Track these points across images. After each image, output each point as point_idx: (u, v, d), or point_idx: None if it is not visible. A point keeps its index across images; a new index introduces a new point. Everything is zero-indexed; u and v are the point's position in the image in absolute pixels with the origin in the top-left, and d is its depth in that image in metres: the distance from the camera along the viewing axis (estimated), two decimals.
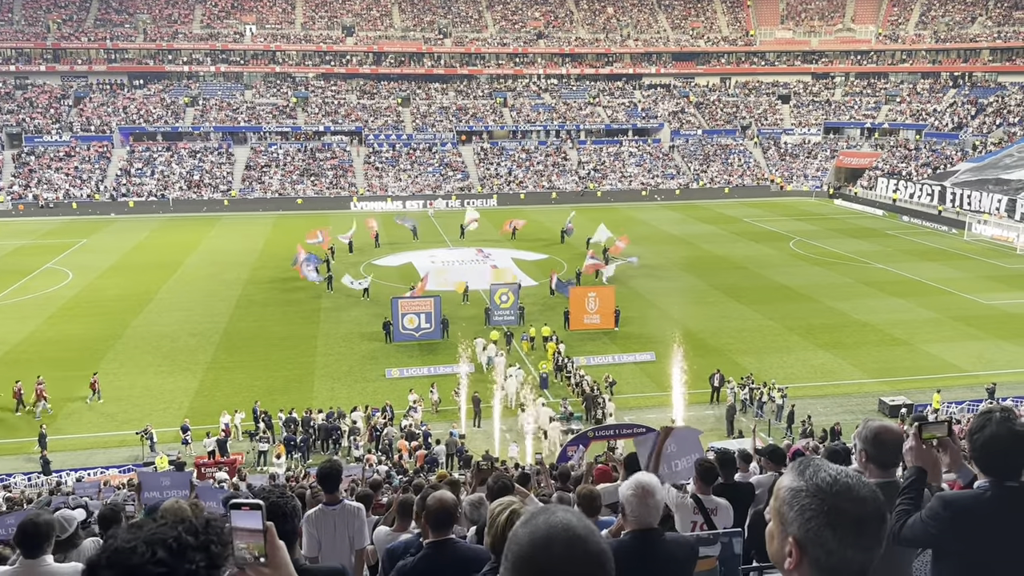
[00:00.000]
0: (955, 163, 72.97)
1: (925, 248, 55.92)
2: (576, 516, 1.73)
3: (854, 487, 1.88)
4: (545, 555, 1.65)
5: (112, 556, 1.70)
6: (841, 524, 1.84)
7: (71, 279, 46.90)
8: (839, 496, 1.86)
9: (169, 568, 1.69)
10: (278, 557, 2.13)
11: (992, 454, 3.08)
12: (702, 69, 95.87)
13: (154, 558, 1.69)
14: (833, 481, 1.89)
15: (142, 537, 1.73)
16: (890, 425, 3.95)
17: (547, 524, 1.70)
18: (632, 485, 3.92)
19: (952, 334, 36.97)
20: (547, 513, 1.74)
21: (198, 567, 1.74)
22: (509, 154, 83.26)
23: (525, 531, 1.72)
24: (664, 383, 30.65)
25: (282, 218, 67.64)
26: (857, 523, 1.84)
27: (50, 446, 25.64)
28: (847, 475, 1.92)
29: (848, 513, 1.84)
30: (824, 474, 1.91)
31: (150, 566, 1.68)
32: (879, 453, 3.87)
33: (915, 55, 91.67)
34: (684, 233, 60.68)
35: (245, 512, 2.13)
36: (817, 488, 1.89)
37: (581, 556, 1.65)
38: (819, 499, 1.87)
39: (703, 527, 6.00)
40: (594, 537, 1.69)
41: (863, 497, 1.87)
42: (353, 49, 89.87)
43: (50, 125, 77.53)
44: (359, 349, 35.51)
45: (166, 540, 1.73)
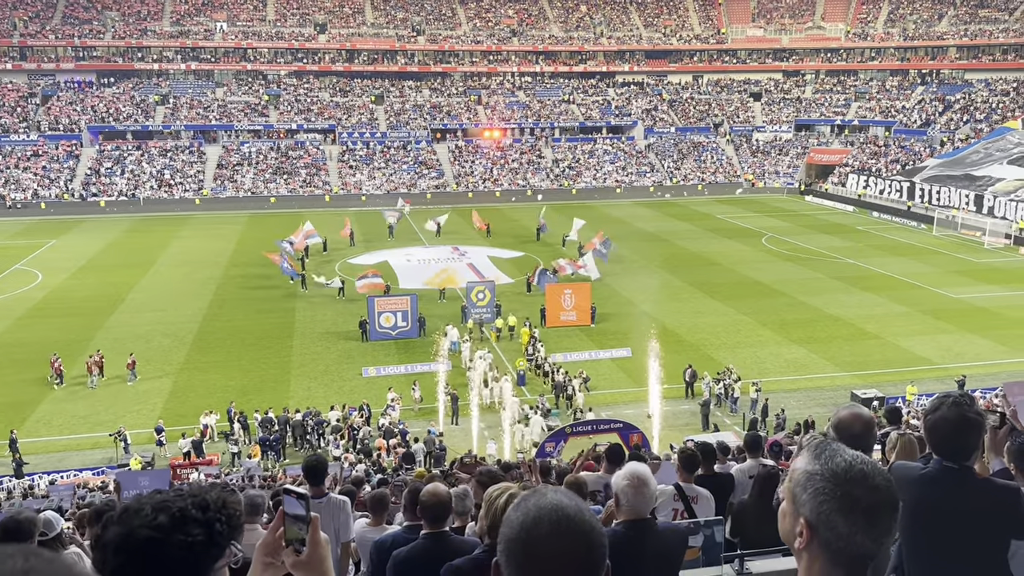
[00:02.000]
0: (923, 159, 74.09)
1: (895, 243, 56.71)
2: (568, 497, 1.74)
3: (869, 475, 1.89)
4: (534, 534, 1.65)
5: (122, 514, 1.74)
6: (853, 511, 1.84)
7: (40, 280, 46.21)
8: (853, 483, 1.87)
9: (164, 534, 1.71)
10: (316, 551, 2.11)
11: (938, 435, 3.16)
12: (675, 67, 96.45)
13: (153, 522, 1.72)
14: (848, 467, 1.89)
15: (152, 501, 1.76)
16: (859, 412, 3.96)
17: (537, 505, 1.70)
18: (627, 475, 3.97)
19: (922, 328, 37.56)
20: (538, 495, 1.75)
21: (194, 540, 1.75)
22: (484, 152, 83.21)
23: (516, 513, 1.73)
24: (640, 379, 30.82)
25: (255, 217, 67.09)
26: (869, 511, 1.85)
27: (22, 449, 25.27)
28: (863, 462, 1.91)
29: (860, 500, 1.85)
30: (840, 459, 1.91)
31: (146, 529, 1.70)
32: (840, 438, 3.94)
33: (884, 53, 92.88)
34: (658, 230, 61.04)
35: (293, 499, 2.14)
36: (832, 473, 1.89)
37: (569, 535, 1.64)
38: (833, 484, 1.87)
39: (683, 515, 6.09)
40: (584, 516, 1.69)
41: (877, 486, 1.87)
42: (326, 46, 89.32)
43: (17, 124, 76.26)
44: (335, 348, 35.35)
45: (171, 508, 1.75)
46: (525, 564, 1.66)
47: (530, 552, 1.65)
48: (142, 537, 1.69)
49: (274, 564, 2.10)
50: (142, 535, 1.70)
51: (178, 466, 24.33)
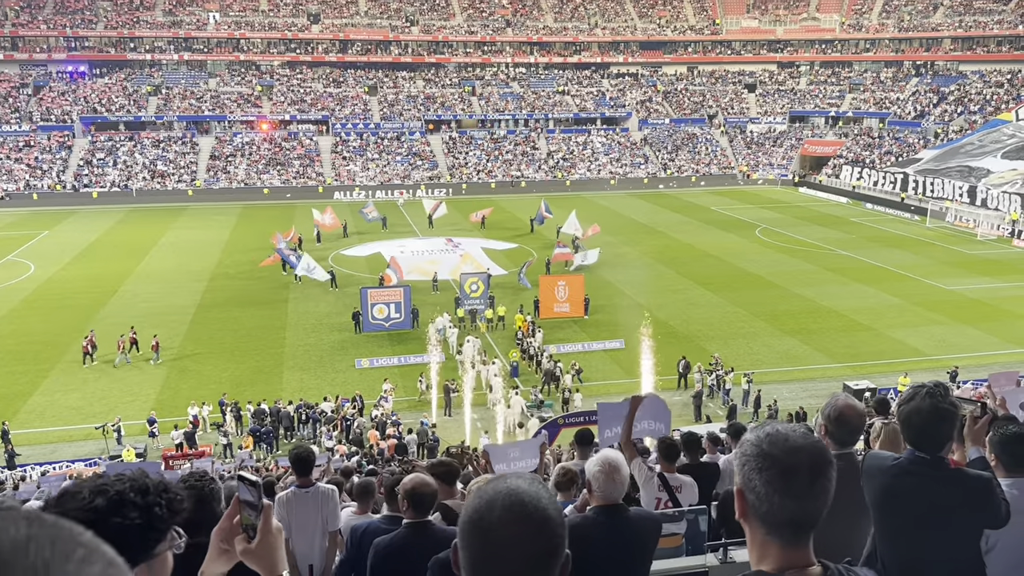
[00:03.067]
0: (917, 151, 74.18)
1: (888, 235, 56.82)
2: (527, 482, 1.71)
3: (789, 437, 1.93)
4: (487, 518, 1.64)
5: (60, 497, 1.74)
6: (768, 469, 1.89)
7: (33, 271, 46.06)
8: (772, 444, 1.92)
9: (100, 516, 1.71)
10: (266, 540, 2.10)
11: (912, 425, 3.17)
12: (669, 58, 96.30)
13: (90, 504, 1.71)
14: (774, 432, 1.95)
15: (90, 484, 1.76)
16: (855, 404, 4.02)
17: (493, 489, 1.70)
18: (599, 461, 3.98)
19: (915, 319, 37.66)
20: (498, 480, 1.74)
21: (132, 523, 1.75)
22: (478, 143, 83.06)
23: (473, 498, 1.73)
24: (633, 370, 30.86)
25: (248, 208, 66.91)
26: (786, 470, 1.88)
27: (14, 440, 25.23)
28: (791, 429, 1.96)
29: (776, 459, 1.89)
30: (769, 427, 1.97)
31: (82, 512, 1.70)
32: (839, 431, 3.96)
33: (878, 44, 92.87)
34: (652, 222, 61.05)
35: (245, 486, 2.13)
36: (756, 438, 1.96)
37: (521, 520, 1.63)
38: (754, 446, 1.94)
39: (667, 504, 6.11)
40: (539, 503, 1.66)
41: (796, 446, 1.90)
42: (319, 37, 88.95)
43: (9, 115, 75.86)
44: (328, 340, 35.32)
45: (109, 491, 1.75)
46: (477, 548, 1.65)
47: (482, 536, 1.65)
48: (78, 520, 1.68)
49: (229, 551, 2.09)
50: (76, 518, 1.67)
51: (170, 457, 24.32)
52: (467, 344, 32.04)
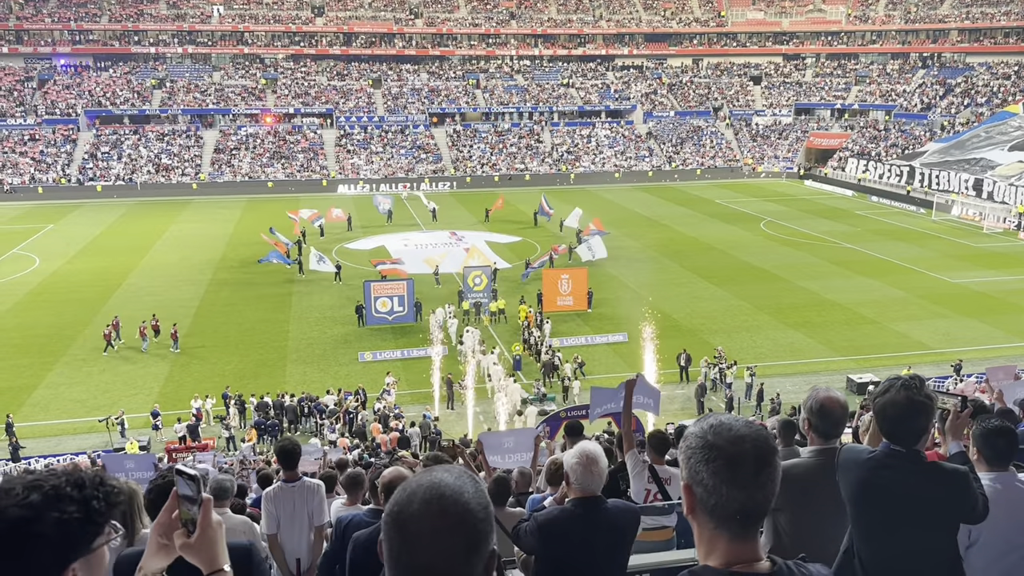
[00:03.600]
0: (923, 144, 73.83)
1: (894, 228, 56.60)
2: (454, 476, 1.70)
3: (733, 427, 1.92)
4: (405, 511, 1.65)
5: None
6: (714, 460, 1.87)
7: (38, 265, 46.19)
8: (716, 434, 1.90)
9: (36, 512, 1.68)
10: (204, 534, 2.08)
11: (886, 418, 3.14)
12: (674, 50, 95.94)
13: (25, 500, 1.68)
14: (716, 423, 1.94)
15: (23, 480, 1.73)
16: (836, 396, 4.00)
17: (416, 482, 1.69)
18: (577, 453, 3.97)
19: (919, 312, 37.53)
20: (424, 473, 1.73)
21: (70, 517, 1.72)
22: (482, 136, 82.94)
23: (399, 490, 1.72)
24: (636, 364, 30.82)
25: (252, 202, 66.98)
26: (731, 459, 1.87)
27: (18, 433, 25.32)
28: (733, 419, 1.95)
29: (721, 449, 1.88)
30: (712, 419, 1.96)
31: (17, 508, 1.67)
32: (822, 424, 3.93)
33: (885, 36, 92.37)
34: (657, 215, 60.93)
35: (183, 480, 2.13)
36: (701, 430, 1.94)
37: (439, 514, 1.62)
38: (699, 438, 1.92)
39: (656, 496, 6.10)
40: (460, 497, 1.65)
41: (740, 435, 1.89)
42: (323, 30, 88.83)
43: (13, 108, 75.99)
44: (331, 333, 35.37)
45: (44, 486, 1.72)
46: (396, 540, 1.65)
47: (400, 529, 1.65)
48: (13, 516, 1.66)
49: (168, 545, 2.08)
50: (12, 514, 1.67)
51: (173, 450, 24.39)
52: (467, 334, 32.37)
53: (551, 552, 3.88)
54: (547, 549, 3.88)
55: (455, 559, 1.63)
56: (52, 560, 1.68)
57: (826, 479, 3.45)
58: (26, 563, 1.65)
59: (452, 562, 1.63)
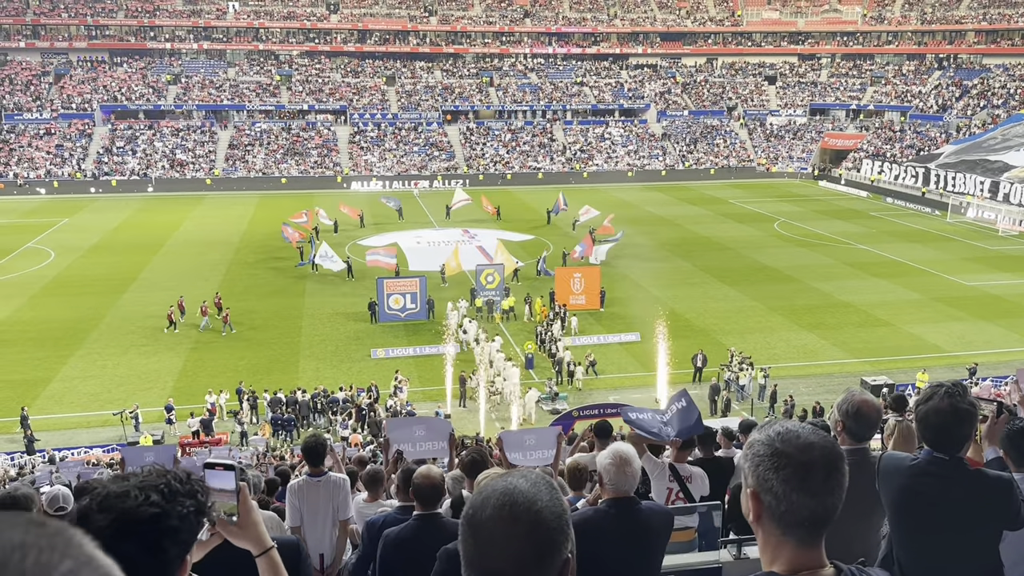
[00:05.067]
0: (939, 145, 73.34)
1: (909, 230, 56.27)
2: (529, 482, 1.70)
3: (801, 434, 1.93)
4: (479, 515, 1.66)
5: (104, 501, 1.74)
6: (784, 467, 1.88)
7: (53, 259, 46.50)
8: (785, 442, 1.92)
9: (163, 510, 1.76)
10: (249, 517, 2.21)
11: (930, 425, 3.12)
12: (689, 49, 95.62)
13: (148, 500, 1.75)
14: (784, 431, 1.95)
15: (133, 484, 1.79)
16: (871, 400, 3.99)
17: (491, 487, 1.70)
18: (610, 454, 3.96)
19: (934, 315, 37.31)
20: (500, 478, 1.74)
21: (188, 511, 1.82)
22: (495, 134, 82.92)
23: (475, 494, 1.74)
24: (648, 363, 30.80)
25: (266, 197, 67.20)
26: (801, 467, 1.88)
27: (33, 425, 25.50)
28: (799, 427, 1.96)
29: (791, 457, 1.89)
30: (779, 426, 1.97)
31: (145, 507, 1.74)
32: (856, 426, 3.92)
33: (901, 36, 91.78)
34: (670, 214, 60.78)
35: (219, 472, 2.20)
36: (768, 437, 1.95)
37: (512, 519, 1.63)
38: (766, 445, 1.93)
39: (678, 495, 6.08)
40: (535, 505, 1.65)
41: (809, 443, 1.91)
42: (338, 26, 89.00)
43: (30, 103, 76.49)
44: (344, 329, 35.46)
45: (157, 485, 1.80)
46: (470, 544, 1.67)
47: (473, 533, 1.66)
48: (148, 514, 1.74)
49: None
50: (146, 512, 1.74)
51: (187, 444, 24.52)
52: (467, 323, 33.81)
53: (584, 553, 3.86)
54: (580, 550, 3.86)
55: (525, 565, 1.64)
56: (179, 551, 1.78)
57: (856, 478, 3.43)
58: (164, 555, 1.75)
59: (522, 568, 1.63)
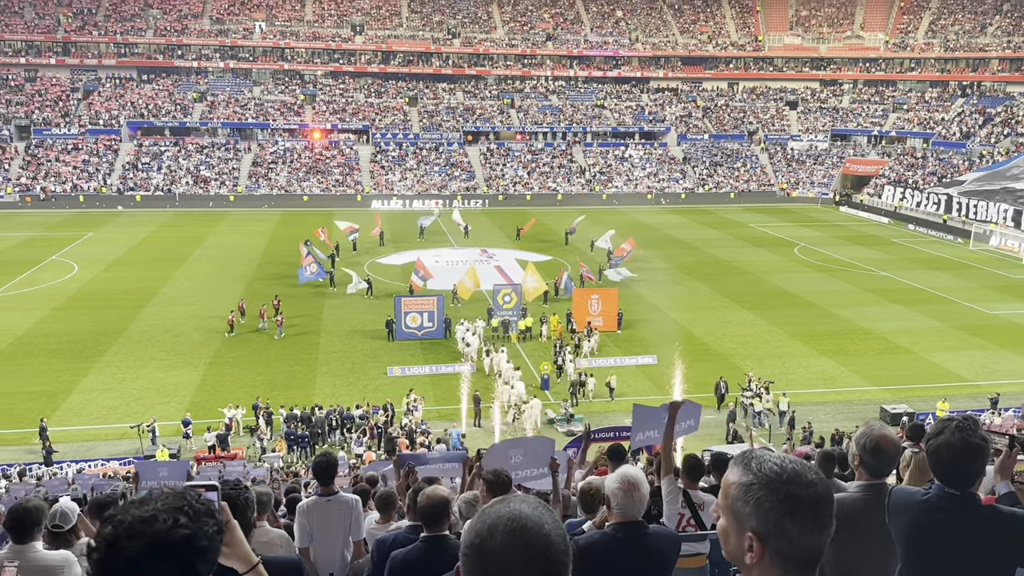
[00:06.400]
0: (962, 172, 72.82)
1: (930, 257, 55.79)
2: (531, 506, 1.70)
3: (802, 473, 1.90)
4: (488, 543, 1.64)
5: (131, 527, 1.76)
6: (799, 511, 1.85)
7: (76, 271, 47.05)
8: (792, 483, 1.87)
9: (192, 531, 1.79)
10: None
11: (941, 460, 3.08)
12: (710, 74, 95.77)
13: (177, 523, 1.78)
14: (781, 470, 1.90)
15: (157, 507, 1.80)
16: (890, 435, 3.95)
17: (496, 513, 1.68)
18: (618, 478, 3.95)
19: (956, 343, 36.88)
20: (502, 503, 1.72)
21: (212, 530, 1.85)
22: (515, 155, 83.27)
23: (475, 520, 1.72)
24: (665, 387, 30.65)
25: (288, 215, 67.76)
26: (812, 507, 1.86)
27: (51, 437, 25.70)
28: (791, 461, 1.93)
29: (803, 499, 1.86)
30: (770, 464, 1.92)
31: (176, 529, 1.77)
32: (875, 462, 3.88)
33: (924, 63, 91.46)
34: (689, 237, 60.64)
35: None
36: (767, 479, 1.89)
37: (523, 545, 1.62)
38: (772, 490, 1.88)
39: (690, 521, 6.03)
40: (542, 529, 1.65)
41: (812, 481, 1.88)
42: (362, 48, 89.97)
43: (59, 118, 77.77)
44: (361, 347, 35.56)
45: (182, 507, 1.82)
46: (478, 572, 1.65)
47: (483, 561, 1.64)
48: (181, 536, 1.77)
49: None
50: (180, 534, 1.76)
51: (203, 459, 24.61)
52: (472, 337, 34.25)
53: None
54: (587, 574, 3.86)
55: None
56: (207, 570, 1.82)
57: (873, 514, 3.40)
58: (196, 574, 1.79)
59: None
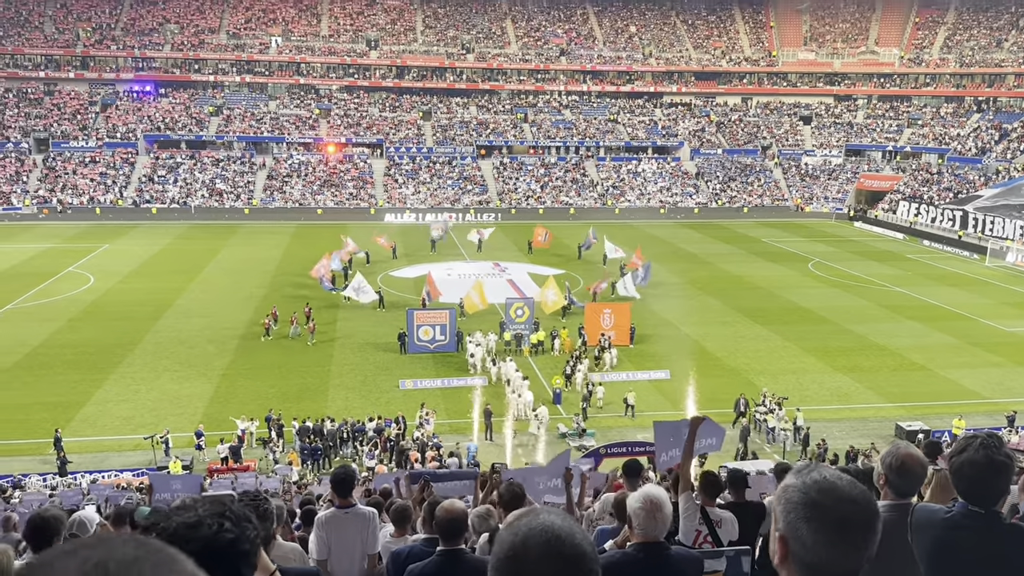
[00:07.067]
0: (978, 188, 72.43)
1: (945, 273, 55.43)
2: (560, 517, 1.70)
3: (840, 487, 1.88)
4: (522, 555, 1.63)
5: (178, 533, 1.80)
6: (816, 519, 1.84)
7: (92, 283, 47.39)
8: (821, 492, 1.87)
9: (237, 535, 1.83)
10: None
11: (965, 478, 3.04)
12: (724, 89, 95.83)
13: (223, 528, 1.83)
14: (821, 479, 1.90)
15: (200, 513, 1.85)
16: (916, 454, 3.90)
17: (528, 525, 1.68)
18: (641, 498, 3.92)
19: (972, 360, 36.57)
20: (531, 515, 1.72)
21: (255, 534, 1.90)
22: (528, 169, 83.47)
23: (507, 533, 1.71)
24: (678, 402, 30.52)
25: (302, 228, 68.09)
26: (836, 522, 1.84)
27: (66, 447, 25.82)
28: (839, 477, 1.91)
29: (826, 509, 1.85)
30: (816, 474, 1.92)
31: (223, 534, 1.82)
32: (900, 481, 3.83)
33: (939, 79, 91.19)
34: (702, 252, 60.51)
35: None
36: (804, 484, 1.91)
37: (558, 557, 1.62)
38: (802, 493, 1.89)
39: (706, 538, 5.99)
40: (574, 539, 1.66)
41: (848, 497, 1.86)
42: (377, 63, 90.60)
43: (77, 131, 78.59)
44: (373, 360, 35.61)
45: (223, 512, 1.87)
46: None
47: (518, 573, 1.64)
48: (227, 540, 1.81)
49: None
50: (226, 538, 1.81)
51: (215, 471, 24.65)
52: (476, 347, 34.50)
53: None
54: None
55: None
56: (250, 571, 1.87)
57: (898, 535, 3.37)
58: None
59: None
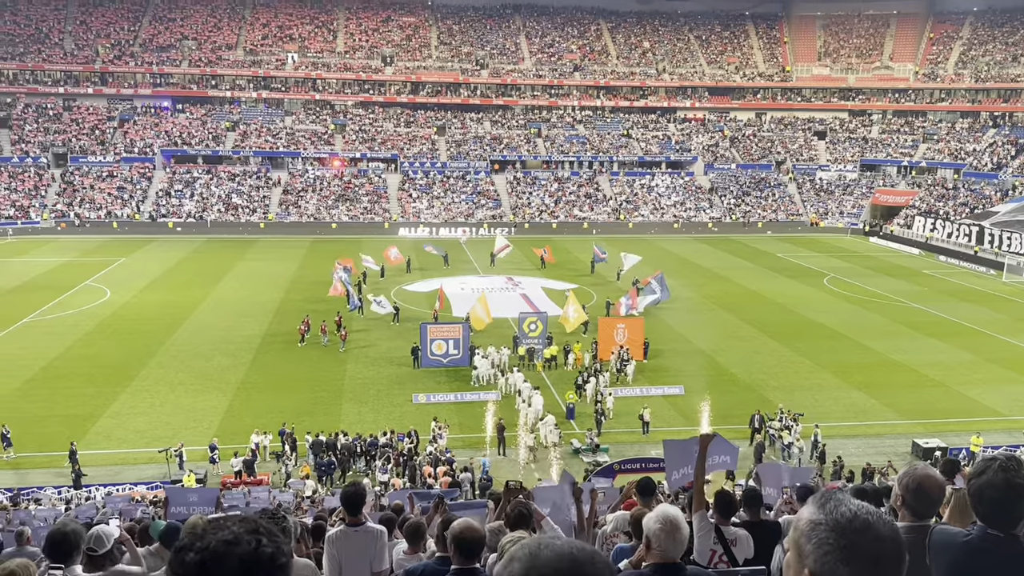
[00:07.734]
0: (994, 203, 71.94)
1: (962, 288, 54.98)
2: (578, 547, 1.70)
3: (874, 525, 1.87)
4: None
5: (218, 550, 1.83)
6: (856, 560, 1.83)
7: (109, 297, 47.73)
8: (858, 532, 1.86)
9: (274, 550, 1.87)
10: None
11: (984, 500, 3.00)
12: (738, 104, 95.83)
13: (260, 543, 1.86)
14: (853, 517, 1.88)
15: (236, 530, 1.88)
16: (934, 475, 3.85)
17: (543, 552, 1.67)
18: (659, 518, 3.88)
19: (989, 377, 36.20)
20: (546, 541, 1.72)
21: (288, 548, 1.94)
22: (541, 184, 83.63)
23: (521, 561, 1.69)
24: (692, 417, 30.34)
25: (317, 242, 68.42)
26: (873, 561, 1.83)
27: (81, 460, 25.92)
28: (868, 511, 1.91)
29: (865, 550, 1.84)
30: (844, 508, 1.91)
31: (262, 549, 1.85)
32: (918, 504, 3.79)
33: (954, 94, 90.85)
34: (716, 267, 60.32)
35: None
36: (836, 523, 1.88)
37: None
38: (837, 533, 1.87)
39: (722, 557, 5.93)
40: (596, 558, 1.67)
41: (882, 536, 1.86)
42: (392, 78, 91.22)
43: (95, 146, 79.42)
44: (387, 373, 35.63)
45: (257, 528, 1.90)
46: None
47: None
48: (268, 553, 1.85)
49: None
50: (267, 552, 1.85)
51: (230, 484, 24.67)
52: (482, 360, 34.70)
53: None
54: None
55: None
56: None
57: (916, 558, 3.32)
58: None
59: None
